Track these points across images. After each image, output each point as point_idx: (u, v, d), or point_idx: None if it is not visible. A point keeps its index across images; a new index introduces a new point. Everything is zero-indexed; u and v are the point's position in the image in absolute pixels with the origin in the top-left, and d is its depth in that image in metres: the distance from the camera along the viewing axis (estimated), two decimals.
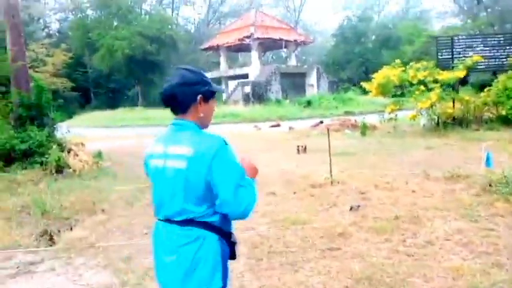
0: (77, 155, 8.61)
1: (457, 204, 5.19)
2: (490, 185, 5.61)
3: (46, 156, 7.94)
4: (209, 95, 1.80)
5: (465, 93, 13.32)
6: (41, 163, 7.94)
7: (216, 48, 34.67)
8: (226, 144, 1.68)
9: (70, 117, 22.54)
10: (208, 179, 1.64)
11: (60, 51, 30.74)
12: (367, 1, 55.29)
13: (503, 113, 12.46)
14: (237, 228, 2.30)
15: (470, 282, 3.22)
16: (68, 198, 5.96)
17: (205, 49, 35.92)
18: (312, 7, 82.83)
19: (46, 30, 44.56)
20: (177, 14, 48.16)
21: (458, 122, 12.91)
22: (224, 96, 33.96)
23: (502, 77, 12.93)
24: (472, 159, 7.72)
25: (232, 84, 32.14)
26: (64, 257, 4.10)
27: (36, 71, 22.73)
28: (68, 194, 6.29)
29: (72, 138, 9.37)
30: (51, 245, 4.39)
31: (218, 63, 36.32)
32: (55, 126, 9.22)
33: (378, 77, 13.08)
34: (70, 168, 8.00)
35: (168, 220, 1.74)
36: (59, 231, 4.74)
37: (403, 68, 12.98)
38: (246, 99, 27.94)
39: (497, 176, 5.74)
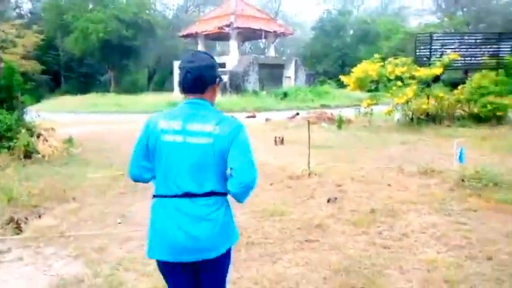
0: (47, 141, 8.28)
1: (431, 198, 5.29)
2: (462, 180, 5.74)
3: (14, 140, 7.62)
4: (220, 79, 2.03)
5: (437, 91, 13.54)
6: (9, 148, 7.63)
7: (194, 36, 34.07)
8: (243, 125, 1.93)
9: (38, 101, 21.72)
10: (227, 154, 1.85)
11: (32, 32, 29.49)
12: None
13: (475, 110, 12.80)
14: None
15: (444, 275, 3.28)
16: (37, 185, 5.72)
17: (183, 36, 35.23)
18: None
19: (17, 10, 42.60)
20: None
21: (432, 118, 13.18)
22: None
23: (475, 76, 13.26)
24: (445, 155, 7.88)
25: None
26: (33, 246, 3.93)
27: (5, 53, 21.77)
28: (37, 180, 6.04)
29: (42, 122, 9.01)
30: (18, 233, 4.20)
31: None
32: (24, 109, 8.86)
33: (357, 71, 13.17)
34: (39, 153, 7.70)
35: (188, 194, 1.87)
36: (27, 219, 4.53)
37: (382, 63, 13.11)
38: (223, 89, 27.66)
39: (469, 172, 5.88)
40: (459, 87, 13.51)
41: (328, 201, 5.14)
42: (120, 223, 4.50)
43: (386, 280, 3.24)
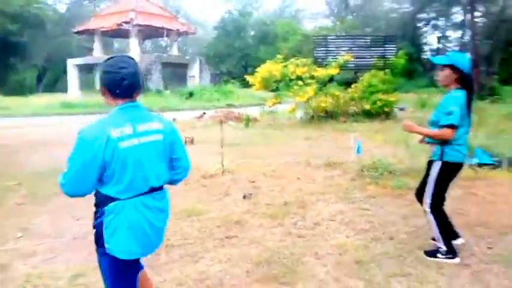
0: None
1: (336, 188, 5.72)
2: (362, 171, 6.30)
3: None
4: None
5: (333, 90, 14.59)
6: None
7: (90, 32, 31.98)
8: None
9: None
10: (172, 146, 2.17)
11: None
12: None
13: (367, 107, 14.08)
14: None
15: (354, 256, 3.58)
16: None
17: (78, 32, 32.85)
18: None
19: None
20: None
21: (330, 115, 14.19)
22: (99, 84, 31.66)
23: (366, 75, 14.57)
24: (343, 148, 8.50)
25: None
26: None
27: None
28: None
29: None
30: None
31: (91, 49, 33.60)
32: None
33: (262, 71, 13.61)
34: None
35: (152, 189, 2.06)
36: None
37: (284, 64, 13.72)
38: None
39: (367, 162, 6.47)
40: (352, 86, 14.74)
41: (244, 197, 5.26)
42: (21, 237, 4.08)
43: (304, 267, 3.44)
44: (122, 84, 1.97)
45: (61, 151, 8.98)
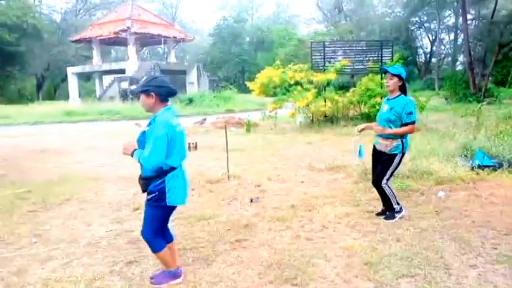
0: None
1: (340, 191, 5.82)
2: (365, 174, 6.39)
3: None
4: None
5: (331, 94, 14.70)
6: None
7: (88, 41, 32.10)
8: None
9: None
10: None
11: None
12: (241, 3, 57.26)
13: (366, 110, 14.21)
14: None
15: (363, 258, 3.67)
16: None
17: (76, 41, 32.97)
18: (189, 5, 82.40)
19: None
20: (40, 1, 43.19)
21: (329, 119, 14.33)
22: (98, 92, 31.75)
23: (364, 79, 14.72)
24: (345, 151, 8.63)
25: (107, 79, 30.20)
26: None
27: None
28: None
29: None
30: None
31: (88, 57, 33.71)
32: None
33: (261, 76, 13.75)
34: None
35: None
36: None
37: (283, 70, 13.87)
38: (124, 95, 26.59)
39: (369, 165, 6.56)
40: (351, 90, 14.89)
41: (251, 201, 5.36)
42: (36, 242, 4.16)
43: (315, 269, 3.52)
44: (171, 95, 3.11)
45: (67, 157, 9.12)
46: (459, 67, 42.09)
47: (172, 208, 3.18)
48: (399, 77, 4.37)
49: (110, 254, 3.88)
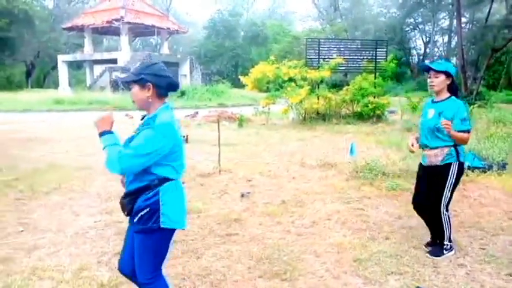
0: None
1: (331, 188, 5.82)
2: (356, 172, 6.42)
3: None
4: None
5: (324, 91, 14.72)
6: None
7: (80, 29, 31.67)
8: None
9: None
10: None
11: None
12: None
13: (358, 109, 14.27)
14: None
15: (353, 255, 3.68)
16: None
17: (67, 28, 32.50)
18: None
19: None
20: None
21: (322, 117, 14.35)
22: (89, 81, 31.39)
23: (357, 78, 14.76)
24: (337, 149, 8.65)
25: (98, 69, 29.86)
26: None
27: None
28: None
29: None
30: None
31: (80, 45, 33.27)
32: None
33: (255, 71, 13.69)
34: None
35: None
36: None
37: (277, 65, 13.83)
38: (115, 85, 26.31)
39: (361, 164, 6.59)
40: (344, 89, 14.92)
41: (242, 195, 5.34)
42: (22, 231, 4.10)
43: (305, 264, 3.52)
44: (171, 88, 2.30)
45: (55, 146, 9.00)
46: None
47: (170, 233, 2.31)
48: (447, 74, 3.46)
49: (98, 245, 3.84)
